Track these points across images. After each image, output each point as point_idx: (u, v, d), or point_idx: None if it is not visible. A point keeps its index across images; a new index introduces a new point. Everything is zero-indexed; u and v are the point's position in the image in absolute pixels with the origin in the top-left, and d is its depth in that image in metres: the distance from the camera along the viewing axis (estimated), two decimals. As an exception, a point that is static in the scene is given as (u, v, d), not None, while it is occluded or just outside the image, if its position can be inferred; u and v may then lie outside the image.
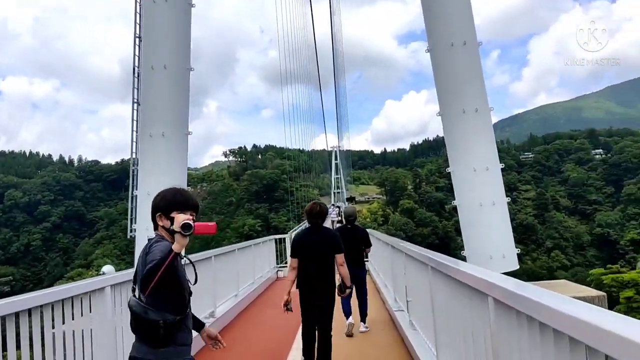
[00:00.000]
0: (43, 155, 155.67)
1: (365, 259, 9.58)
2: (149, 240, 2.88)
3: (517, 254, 12.50)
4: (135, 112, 12.83)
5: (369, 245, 8.60)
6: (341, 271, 5.61)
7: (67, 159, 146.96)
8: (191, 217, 2.68)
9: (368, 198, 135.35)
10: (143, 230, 11.57)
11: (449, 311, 4.11)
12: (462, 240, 12.92)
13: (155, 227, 2.96)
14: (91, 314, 4.40)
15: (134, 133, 12.76)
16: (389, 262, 9.31)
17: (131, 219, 12.59)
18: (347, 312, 8.00)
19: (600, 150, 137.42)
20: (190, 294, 2.97)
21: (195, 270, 3.03)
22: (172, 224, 2.69)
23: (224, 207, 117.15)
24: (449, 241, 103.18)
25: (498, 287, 2.68)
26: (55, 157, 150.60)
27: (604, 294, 10.88)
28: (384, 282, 10.67)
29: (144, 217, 11.81)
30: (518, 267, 12.21)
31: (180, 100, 12.28)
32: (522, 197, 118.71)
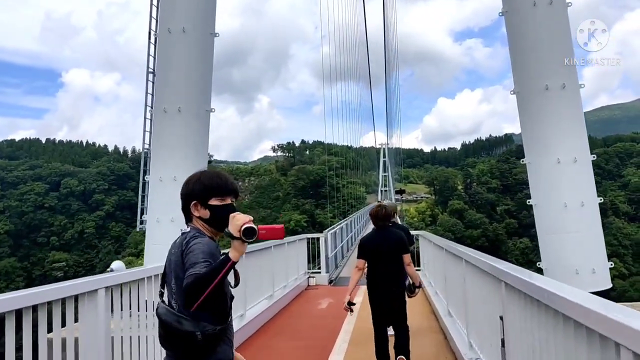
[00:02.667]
0: (99, 145, 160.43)
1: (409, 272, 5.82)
2: (182, 233, 2.41)
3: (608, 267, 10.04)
4: (150, 83, 10.99)
5: (407, 250, 5.76)
6: (409, 271, 5.61)
7: (121, 150, 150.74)
8: (252, 219, 2.23)
9: (416, 197, 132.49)
10: (153, 222, 9.93)
11: None
12: (513, 244, 10.60)
13: (189, 219, 2.48)
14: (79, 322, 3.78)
15: (148, 108, 10.97)
16: (455, 277, 6.66)
17: (141, 209, 10.89)
18: None
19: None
20: (232, 298, 2.50)
21: (236, 270, 2.40)
22: (212, 213, 2.38)
23: (270, 202, 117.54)
24: (499, 244, 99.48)
25: None
26: (110, 148, 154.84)
27: None
28: (447, 310, 7.71)
29: (155, 207, 10.15)
30: (611, 285, 9.74)
31: (201, 71, 10.46)
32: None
